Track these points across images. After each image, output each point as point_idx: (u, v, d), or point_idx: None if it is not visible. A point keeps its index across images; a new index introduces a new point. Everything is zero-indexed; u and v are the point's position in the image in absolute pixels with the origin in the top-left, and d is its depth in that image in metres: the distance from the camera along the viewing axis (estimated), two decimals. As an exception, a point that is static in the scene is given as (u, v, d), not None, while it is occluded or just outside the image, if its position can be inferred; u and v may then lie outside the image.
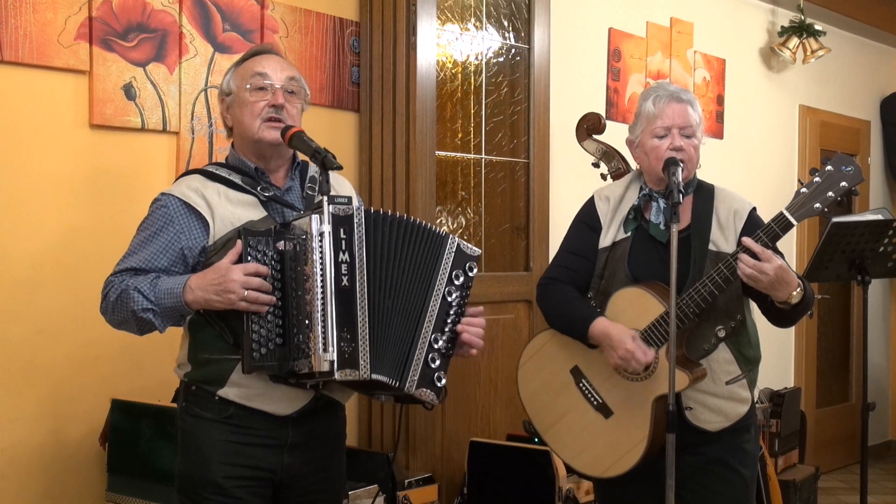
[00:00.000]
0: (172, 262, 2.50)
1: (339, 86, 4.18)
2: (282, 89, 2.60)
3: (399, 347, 2.49)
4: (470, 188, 4.48)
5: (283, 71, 2.62)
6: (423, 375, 2.50)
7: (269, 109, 2.58)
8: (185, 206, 2.53)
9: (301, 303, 2.39)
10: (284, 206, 2.59)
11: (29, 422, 3.33)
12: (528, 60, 4.62)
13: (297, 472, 2.60)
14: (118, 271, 2.52)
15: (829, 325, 7.41)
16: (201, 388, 2.54)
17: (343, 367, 2.35)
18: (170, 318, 2.49)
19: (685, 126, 2.90)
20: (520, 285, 4.52)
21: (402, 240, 2.52)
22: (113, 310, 2.50)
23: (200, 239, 2.52)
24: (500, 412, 4.46)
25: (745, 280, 2.70)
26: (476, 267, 2.61)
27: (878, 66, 7.77)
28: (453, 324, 2.56)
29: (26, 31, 3.26)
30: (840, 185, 2.71)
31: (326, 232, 2.37)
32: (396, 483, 3.73)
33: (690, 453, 2.88)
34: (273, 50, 2.73)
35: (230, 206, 2.54)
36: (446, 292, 2.56)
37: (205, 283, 2.41)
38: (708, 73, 6.10)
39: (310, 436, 2.60)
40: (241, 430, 2.52)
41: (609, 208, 3.02)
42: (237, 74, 2.64)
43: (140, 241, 2.54)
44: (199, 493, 2.53)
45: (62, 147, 3.40)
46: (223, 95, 2.67)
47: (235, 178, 2.59)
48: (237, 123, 2.63)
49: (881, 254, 4.68)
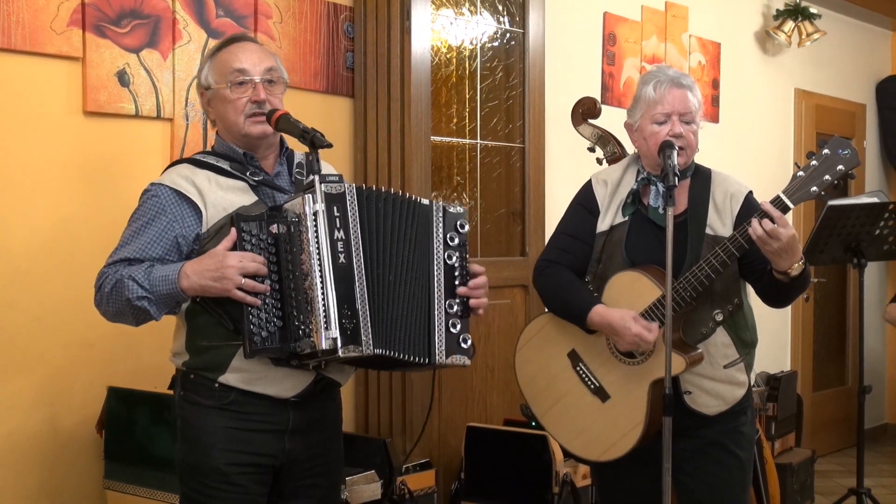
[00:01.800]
0: (167, 251, 2.50)
1: (334, 71, 4.16)
2: (262, 82, 2.59)
3: (417, 325, 2.51)
4: (465, 173, 4.47)
5: (261, 62, 2.61)
6: (448, 343, 2.54)
7: (252, 105, 2.58)
8: (176, 194, 2.52)
9: (299, 283, 2.39)
10: (275, 189, 2.59)
11: (25, 410, 3.33)
12: (523, 45, 4.60)
13: (297, 457, 2.60)
14: (111, 262, 2.51)
15: (826, 309, 7.42)
16: (200, 375, 2.54)
17: (346, 343, 2.35)
18: (165, 306, 2.48)
19: (685, 112, 2.90)
20: (516, 270, 4.51)
21: (394, 214, 2.52)
22: (108, 301, 2.49)
23: (194, 227, 2.51)
24: (497, 397, 4.46)
25: (756, 240, 2.67)
26: (467, 223, 2.62)
27: (874, 49, 7.76)
28: (463, 284, 2.59)
29: (19, 18, 3.24)
30: (837, 169, 2.70)
31: (320, 210, 2.38)
32: (394, 468, 3.74)
33: (687, 436, 2.89)
34: (248, 37, 2.72)
35: (221, 191, 2.54)
36: (446, 257, 2.58)
37: (200, 269, 2.40)
38: (703, 56, 6.09)
39: (309, 420, 2.61)
40: (242, 417, 2.52)
41: (607, 192, 3.02)
42: (215, 69, 2.63)
43: (132, 231, 2.53)
44: (202, 480, 2.53)
45: (56, 134, 3.38)
46: (202, 89, 2.67)
47: (224, 165, 2.59)
48: (221, 118, 2.64)
49: (877, 237, 4.69)
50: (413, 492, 3.78)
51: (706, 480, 2.93)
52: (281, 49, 3.94)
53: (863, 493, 4.89)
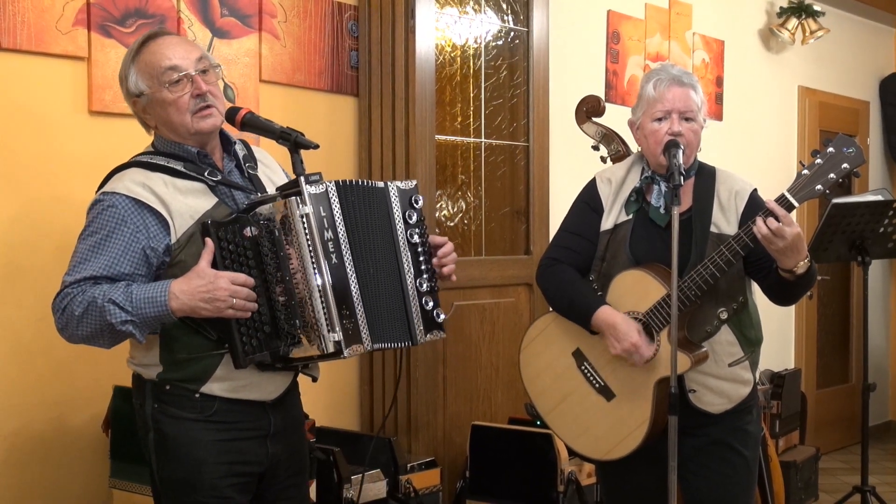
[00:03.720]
0: (135, 266, 2.36)
1: (338, 70, 4.16)
2: (197, 73, 2.46)
3: (395, 311, 2.49)
4: (470, 172, 4.48)
5: (190, 54, 2.47)
6: (425, 322, 2.53)
7: (196, 100, 2.45)
8: (135, 203, 2.37)
9: (289, 287, 2.35)
10: (232, 187, 2.51)
11: (31, 409, 3.34)
12: (527, 43, 4.60)
13: (279, 460, 2.58)
14: (73, 282, 2.34)
15: (830, 306, 7.42)
16: (179, 386, 2.44)
17: (350, 344, 2.35)
18: (149, 328, 2.36)
19: (685, 110, 2.89)
20: (520, 269, 4.51)
21: (363, 203, 2.48)
22: (78, 325, 2.33)
23: (161, 237, 2.39)
24: (502, 395, 4.47)
25: (761, 239, 2.67)
26: (420, 197, 2.58)
27: (877, 46, 7.75)
28: (427, 261, 2.56)
29: (24, 18, 3.25)
30: (842, 167, 2.69)
31: (309, 212, 2.34)
32: (399, 467, 3.74)
33: (692, 435, 2.89)
34: (164, 31, 2.61)
35: (181, 196, 2.42)
36: (408, 236, 2.54)
37: (191, 290, 2.30)
38: (707, 54, 6.09)
39: (285, 420, 2.58)
40: (227, 426, 2.46)
41: (611, 190, 3.02)
42: (143, 72, 2.46)
43: (89, 246, 2.37)
44: (193, 497, 2.44)
45: (61, 134, 3.39)
46: (133, 98, 2.50)
47: (177, 166, 2.45)
48: (165, 123, 2.49)
49: (881, 234, 4.69)
50: (418, 490, 3.79)
51: (711, 479, 2.93)
52: (285, 48, 3.95)
53: (867, 491, 4.90)
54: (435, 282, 2.58)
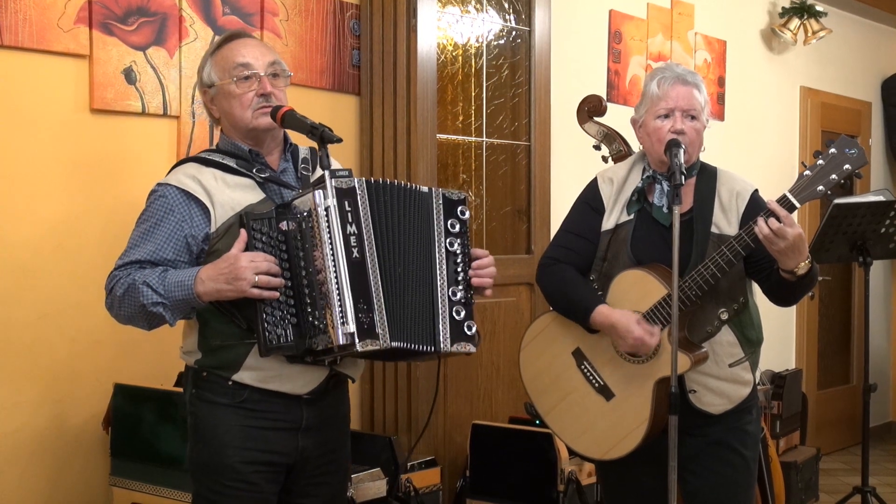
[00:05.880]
0: (178, 253, 2.49)
1: (340, 69, 4.16)
2: (266, 75, 2.59)
3: (423, 314, 2.51)
4: (471, 171, 4.48)
5: (264, 56, 2.61)
6: (453, 332, 2.53)
7: (259, 99, 2.57)
8: (183, 194, 2.51)
9: (313, 279, 2.39)
10: (282, 186, 2.59)
11: (31, 407, 3.34)
12: (529, 42, 4.60)
13: (309, 455, 2.61)
14: (122, 265, 2.49)
15: (831, 307, 7.41)
16: (214, 373, 2.54)
17: (364, 338, 2.36)
18: (180, 311, 2.47)
19: (689, 109, 2.88)
20: (521, 268, 4.51)
21: (399, 205, 2.52)
22: (120, 305, 2.47)
23: (202, 226, 2.51)
24: (502, 395, 4.47)
25: (762, 239, 2.67)
26: (467, 209, 2.62)
27: (879, 46, 7.75)
28: (464, 271, 2.59)
29: (26, 16, 3.25)
30: (844, 168, 2.69)
31: (332, 205, 2.37)
32: (399, 466, 3.74)
33: (692, 435, 2.89)
34: (247, 33, 2.72)
35: (228, 189, 2.53)
36: (447, 244, 2.57)
37: (215, 273, 2.40)
38: (709, 54, 6.09)
39: (322, 417, 2.62)
40: (257, 415, 2.53)
41: (612, 190, 3.01)
42: (217, 66, 2.62)
43: (141, 233, 2.52)
44: (217, 479, 2.53)
45: (63, 131, 3.39)
46: (205, 87, 2.65)
47: (230, 162, 2.58)
48: (226, 115, 2.62)
49: (882, 235, 4.69)
50: (418, 489, 3.79)
51: (711, 479, 2.93)
52: (287, 47, 3.95)
53: (867, 492, 4.90)
54: (470, 294, 2.59)
